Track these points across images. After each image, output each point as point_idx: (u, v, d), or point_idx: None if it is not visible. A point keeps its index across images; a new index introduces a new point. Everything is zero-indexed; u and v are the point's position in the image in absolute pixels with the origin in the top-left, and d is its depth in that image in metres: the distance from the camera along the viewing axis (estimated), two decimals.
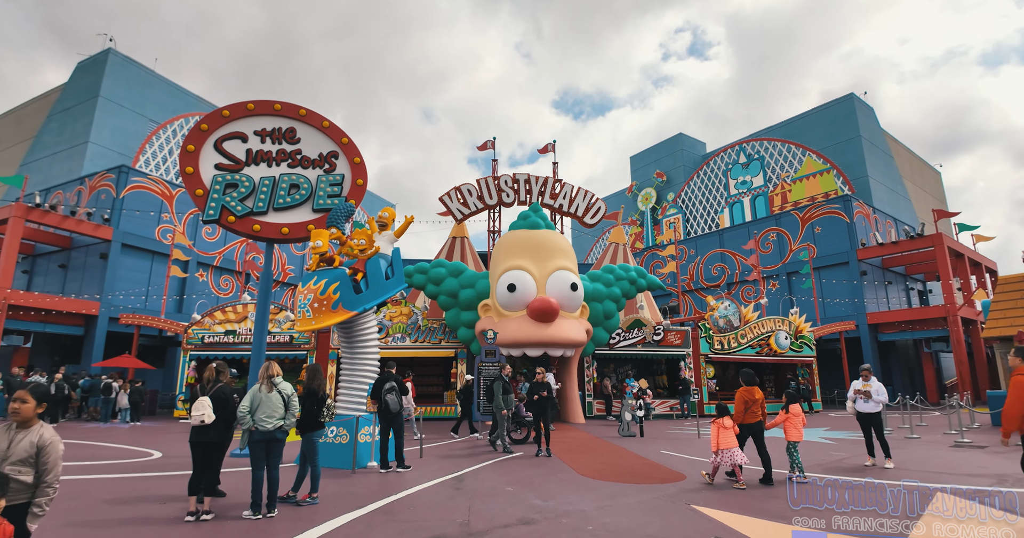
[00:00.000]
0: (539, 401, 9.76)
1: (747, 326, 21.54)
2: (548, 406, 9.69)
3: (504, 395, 10.70)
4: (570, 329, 15.80)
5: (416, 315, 18.76)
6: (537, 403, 9.78)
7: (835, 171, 33.36)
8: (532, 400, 9.81)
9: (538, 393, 9.74)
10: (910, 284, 33.47)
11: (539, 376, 10.06)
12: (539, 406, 9.74)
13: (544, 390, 9.79)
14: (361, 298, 9.15)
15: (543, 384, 9.88)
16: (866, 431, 8.55)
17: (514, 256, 16.73)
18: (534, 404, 9.78)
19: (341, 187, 11.60)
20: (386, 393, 8.28)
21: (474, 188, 20.52)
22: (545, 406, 9.68)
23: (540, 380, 9.99)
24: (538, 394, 9.73)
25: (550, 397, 9.79)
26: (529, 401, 9.89)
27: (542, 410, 9.72)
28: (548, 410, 9.70)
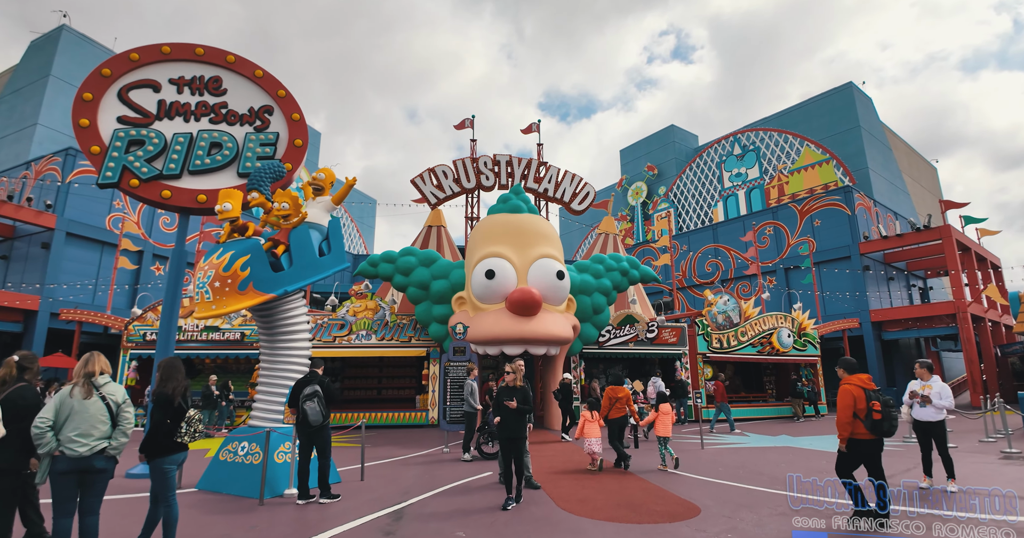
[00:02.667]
0: (510, 415, 6.03)
1: (747, 323, 19.79)
2: (523, 423, 6.05)
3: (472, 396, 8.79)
4: (554, 324, 13.89)
5: (383, 310, 16.75)
6: (508, 418, 6.02)
7: (835, 161, 31.83)
8: (503, 412, 6.06)
9: (507, 402, 6.04)
10: (912, 281, 32.02)
11: (509, 376, 6.32)
12: (511, 423, 6.01)
13: (515, 398, 6.08)
14: (281, 278, 7.17)
15: (517, 389, 6.18)
16: (924, 444, 6.73)
17: (492, 242, 14.78)
18: (506, 421, 6.03)
19: (274, 148, 9.63)
20: (305, 400, 6.29)
21: (450, 170, 18.55)
22: (519, 424, 6.02)
23: (512, 382, 6.27)
24: (506, 403, 6.03)
25: (524, 411, 6.08)
26: (500, 415, 6.09)
27: (514, 429, 6.01)
28: (523, 430, 6.04)
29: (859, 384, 5.10)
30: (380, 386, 19.34)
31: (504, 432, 6.10)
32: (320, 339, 16.63)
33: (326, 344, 16.61)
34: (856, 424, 4.99)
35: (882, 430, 4.89)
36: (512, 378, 6.34)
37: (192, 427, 4.46)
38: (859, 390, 5.05)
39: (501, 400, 6.11)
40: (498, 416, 6.07)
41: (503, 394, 6.18)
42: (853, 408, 4.98)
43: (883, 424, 4.87)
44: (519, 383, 6.27)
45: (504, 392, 6.25)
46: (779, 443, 11.94)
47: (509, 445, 6.05)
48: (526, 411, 6.16)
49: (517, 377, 6.28)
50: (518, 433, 6.06)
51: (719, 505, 5.94)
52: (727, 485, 7.02)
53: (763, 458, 9.46)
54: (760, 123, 37.11)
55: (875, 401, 4.95)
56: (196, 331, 17.54)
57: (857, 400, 5.00)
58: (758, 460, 9.20)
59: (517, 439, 6.05)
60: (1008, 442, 9.98)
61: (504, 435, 6.10)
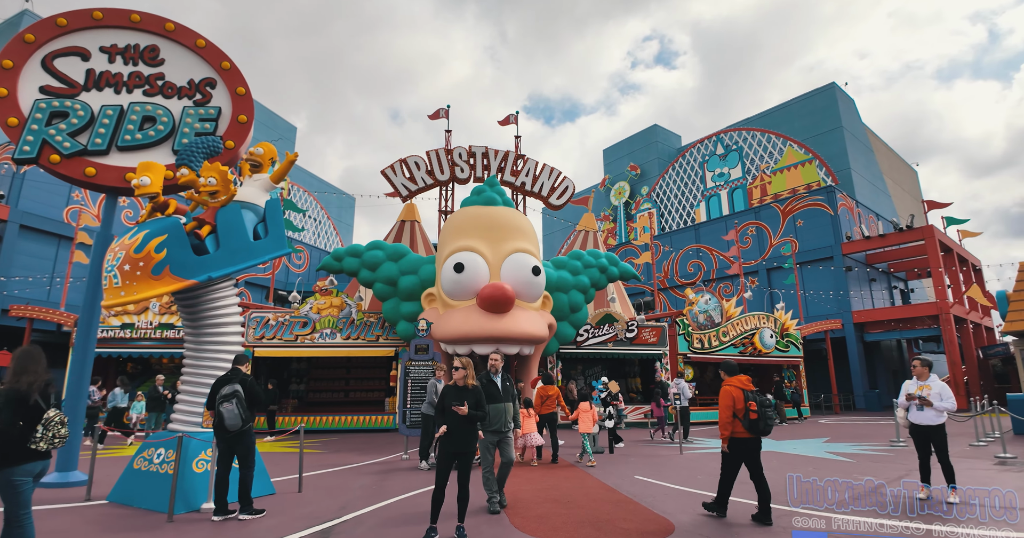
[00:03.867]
0: (458, 424, 4.79)
1: (729, 323, 19.26)
2: (473, 434, 4.90)
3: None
4: (528, 322, 13.14)
5: (349, 307, 15.85)
6: (455, 427, 4.78)
7: (817, 161, 31.59)
8: (449, 420, 4.80)
9: (455, 406, 4.76)
10: (894, 283, 31.89)
11: (458, 373, 4.97)
12: (459, 434, 4.78)
13: (465, 402, 4.78)
14: (205, 262, 6.32)
15: (468, 390, 4.95)
16: (923, 450, 6.08)
17: (464, 236, 14.00)
18: (453, 431, 4.79)
19: (215, 123, 8.75)
20: (223, 401, 5.44)
21: (423, 161, 17.74)
22: (469, 435, 4.84)
23: (461, 381, 4.98)
24: (454, 407, 4.75)
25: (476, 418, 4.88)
26: (446, 422, 4.83)
27: (462, 442, 4.79)
28: (472, 443, 4.89)
29: (739, 385, 5.33)
30: (348, 388, 18.42)
31: (449, 445, 4.78)
32: (281, 338, 15.69)
33: (287, 343, 15.67)
34: (736, 423, 5.24)
35: (759, 429, 5.14)
36: (461, 376, 4.97)
37: (51, 431, 3.60)
38: (738, 391, 5.26)
39: (447, 403, 4.82)
40: (443, 424, 4.80)
41: (449, 396, 4.88)
42: (733, 408, 5.22)
43: (759, 423, 5.13)
44: (471, 382, 5.02)
45: (451, 393, 4.92)
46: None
47: (449, 461, 4.75)
48: (479, 418, 4.92)
49: (468, 374, 4.99)
50: (466, 447, 4.81)
51: (695, 521, 5.23)
52: (705, 496, 6.31)
53: None
54: (743, 123, 36.84)
55: (752, 401, 5.18)
56: (150, 328, 16.49)
57: (736, 400, 5.22)
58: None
59: (464, 455, 4.79)
60: (1002, 446, 9.44)
61: (449, 449, 4.78)
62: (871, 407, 24.22)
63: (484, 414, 5.05)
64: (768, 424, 5.18)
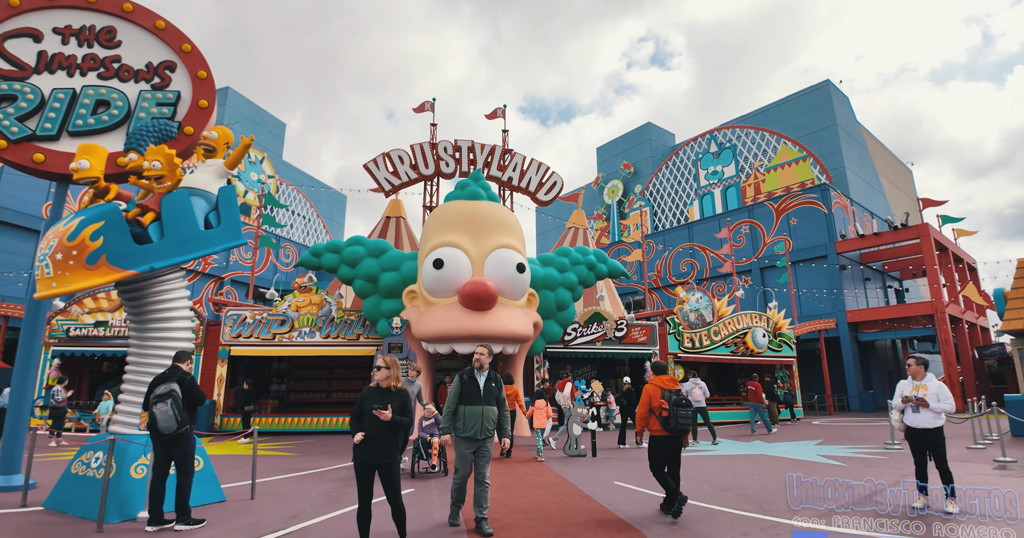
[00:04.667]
0: (377, 430, 4.16)
1: (720, 322, 18.87)
2: (394, 442, 4.22)
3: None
4: (511, 320, 12.71)
5: (329, 305, 15.36)
6: (373, 434, 4.14)
7: (812, 159, 31.24)
8: (367, 426, 4.16)
9: (377, 409, 4.11)
10: (888, 282, 31.58)
11: (381, 373, 4.30)
12: (376, 442, 4.14)
13: (389, 405, 4.16)
14: (147, 252, 5.87)
15: (393, 393, 4.30)
16: (919, 455, 5.67)
17: (447, 231, 13.55)
18: (370, 438, 4.14)
19: (174, 108, 8.25)
20: (156, 401, 4.99)
21: (407, 155, 17.27)
22: (388, 442, 4.18)
23: (384, 382, 4.31)
24: (375, 411, 4.10)
25: (401, 425, 4.22)
26: (363, 429, 4.17)
27: (379, 451, 4.15)
28: (393, 453, 4.23)
29: (659, 384, 5.63)
30: (330, 388, 17.94)
31: (364, 454, 4.13)
32: (258, 336, 15.21)
33: (265, 342, 15.19)
34: (652, 421, 5.56)
35: (669, 427, 5.38)
36: (384, 376, 4.32)
37: None
38: (657, 390, 5.57)
39: (366, 407, 4.20)
40: (359, 431, 4.16)
41: (370, 398, 4.24)
42: (648, 406, 5.58)
43: (669, 421, 5.37)
44: (395, 384, 4.36)
45: (372, 396, 4.25)
46: (752, 450, 10.90)
47: (367, 474, 4.16)
48: (403, 425, 4.28)
49: (392, 375, 4.35)
50: (385, 457, 4.17)
51: (670, 532, 4.78)
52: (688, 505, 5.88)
53: (732, 469, 8.38)
54: (737, 121, 36.49)
55: (664, 400, 5.46)
56: (124, 326, 15.95)
57: (652, 398, 5.56)
58: (726, 471, 8.11)
59: (386, 466, 4.19)
60: (1001, 449, 9.05)
61: (362, 459, 4.15)
62: (865, 408, 23.88)
63: (409, 421, 4.41)
64: (679, 422, 5.36)
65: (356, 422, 4.27)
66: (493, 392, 4.97)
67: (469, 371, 5.01)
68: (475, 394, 4.87)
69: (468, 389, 4.89)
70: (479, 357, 5.02)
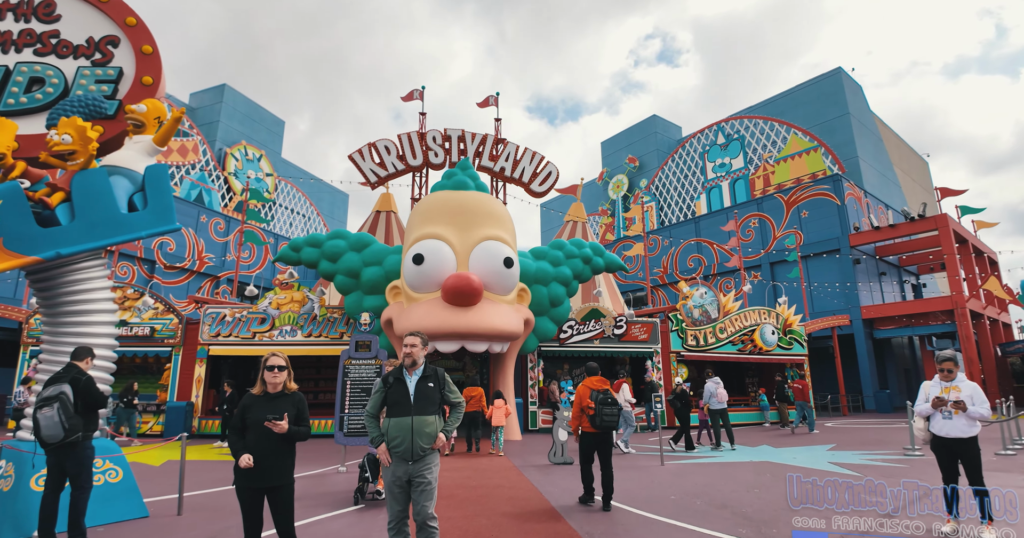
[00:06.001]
0: (268, 445, 3.39)
1: (727, 318, 17.90)
2: (289, 459, 3.52)
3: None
4: (498, 316, 11.89)
5: (311, 302, 14.65)
6: (263, 450, 3.36)
7: (823, 149, 30.05)
8: (254, 439, 3.38)
9: (268, 419, 3.34)
10: (904, 277, 30.34)
11: (270, 375, 3.49)
12: (268, 459, 3.37)
13: (284, 415, 3.40)
14: (53, 235, 5.14)
15: (285, 397, 3.56)
16: (948, 470, 4.76)
17: (431, 222, 12.77)
18: (260, 456, 3.34)
19: (115, 86, 7.50)
20: (41, 406, 4.24)
21: (394, 145, 16.51)
22: (282, 460, 3.45)
23: (274, 385, 3.53)
24: (269, 420, 3.33)
25: (297, 436, 3.47)
26: (247, 445, 3.38)
27: (272, 473, 3.40)
28: (288, 472, 3.49)
29: (589, 385, 6.10)
30: (317, 389, 17.21)
31: (248, 476, 3.31)
32: (238, 335, 14.54)
33: (244, 341, 14.51)
34: (583, 419, 6.01)
35: (595, 424, 5.88)
36: (273, 377, 3.47)
37: None
38: (587, 390, 6.05)
39: (250, 417, 3.37)
40: (243, 451, 3.32)
41: (255, 407, 3.41)
42: (579, 405, 6.03)
43: (595, 419, 5.86)
44: (291, 386, 3.59)
45: (258, 404, 3.43)
46: (757, 456, 10.00)
47: (255, 499, 3.37)
48: (299, 437, 3.48)
49: (281, 379, 3.49)
50: (277, 478, 3.37)
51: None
52: (673, 527, 5.04)
53: (732, 479, 7.50)
54: (745, 112, 35.34)
55: (591, 400, 5.93)
56: None
57: (583, 398, 6.01)
58: (725, 483, 7.23)
59: (278, 490, 3.39)
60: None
61: (247, 483, 3.34)
62: (882, 408, 22.77)
63: (307, 432, 3.58)
64: (604, 420, 5.84)
65: (237, 438, 3.42)
66: (430, 396, 3.69)
67: (397, 370, 3.82)
68: (403, 401, 3.66)
69: (394, 395, 3.70)
70: (410, 349, 3.77)
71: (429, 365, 3.88)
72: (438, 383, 3.80)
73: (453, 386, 3.94)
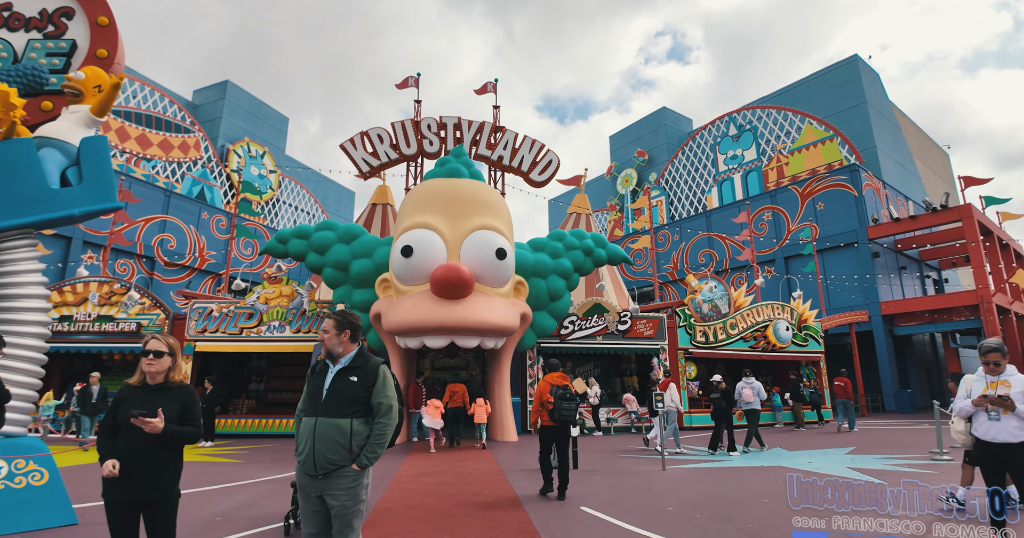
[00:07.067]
0: (138, 450, 2.74)
1: (738, 314, 17.05)
2: (174, 470, 2.88)
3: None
4: (490, 310, 11.20)
5: (300, 297, 14.08)
6: (134, 457, 2.73)
7: (839, 138, 28.91)
8: (124, 444, 2.75)
9: (136, 417, 2.66)
10: (925, 272, 29.13)
11: (147, 361, 2.82)
12: (139, 467, 2.73)
13: (161, 410, 2.73)
14: None
15: (171, 390, 2.89)
16: (994, 478, 3.98)
17: (421, 211, 12.13)
18: (128, 464, 2.71)
19: (67, 59, 6.98)
20: None
21: (387, 134, 15.89)
22: (160, 469, 2.79)
23: (151, 373, 2.86)
24: (137, 417, 2.67)
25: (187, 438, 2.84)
26: (117, 449, 2.74)
27: (144, 485, 2.74)
28: (172, 484, 2.85)
29: (550, 381, 6.42)
30: None
31: (118, 488, 2.69)
32: (225, 331, 14.02)
33: (231, 337, 13.99)
34: (543, 413, 6.30)
35: (554, 418, 6.20)
36: (150, 365, 2.84)
37: None
38: (547, 385, 6.36)
39: (122, 414, 2.72)
40: (110, 456, 2.69)
41: (130, 400, 2.77)
42: (539, 400, 6.33)
43: (554, 413, 6.19)
44: (175, 377, 2.93)
45: (135, 397, 2.79)
46: (768, 461, 9.21)
47: (128, 515, 2.73)
48: (187, 439, 2.85)
49: (161, 367, 2.87)
50: (155, 489, 2.74)
51: None
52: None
53: (739, 488, 6.74)
54: (757, 102, 34.25)
55: (551, 395, 6.24)
56: (88, 321, 14.94)
57: (543, 393, 6.32)
58: (731, 492, 6.48)
59: (156, 504, 2.75)
60: None
61: (116, 495, 2.70)
62: (903, 409, 21.73)
63: (196, 431, 2.92)
64: (562, 414, 6.20)
65: (107, 439, 2.78)
66: (349, 394, 2.87)
67: (321, 362, 3.07)
68: (315, 396, 2.93)
69: (311, 387, 2.98)
70: (322, 335, 3.01)
71: (365, 357, 3.04)
72: (366, 379, 2.91)
73: (390, 387, 2.97)
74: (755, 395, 11.28)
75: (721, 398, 10.55)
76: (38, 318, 5.30)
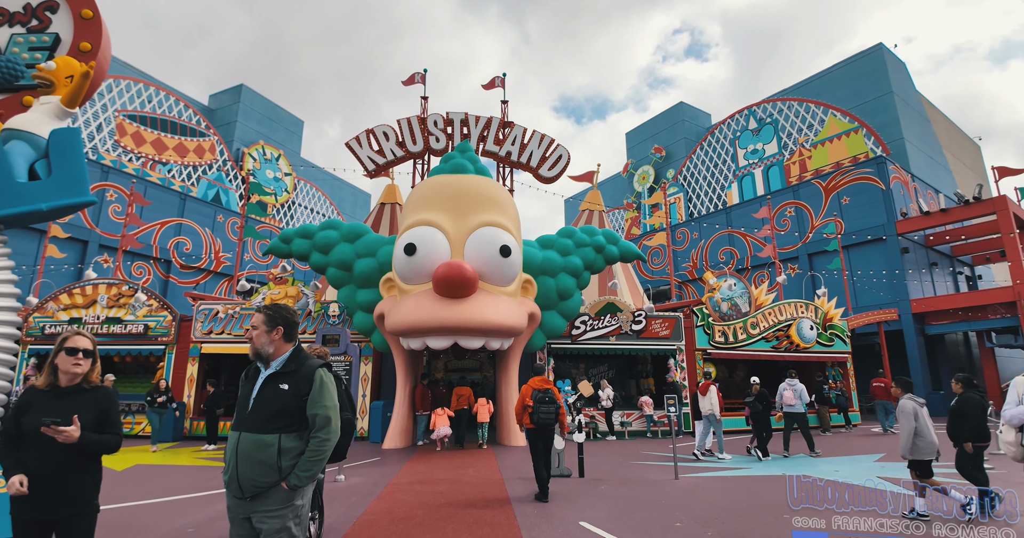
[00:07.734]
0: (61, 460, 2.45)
1: (759, 313, 16.35)
2: (93, 486, 2.58)
3: None
4: (494, 309, 10.78)
5: (306, 297, 13.85)
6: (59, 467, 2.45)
7: (864, 130, 27.85)
8: (36, 456, 2.44)
9: (48, 426, 2.36)
10: (958, 268, 27.89)
11: (69, 363, 2.49)
12: (55, 487, 2.44)
13: (77, 418, 2.41)
14: None
15: (87, 393, 2.60)
16: None
17: (425, 208, 11.78)
18: (40, 479, 2.41)
19: (50, 53, 6.75)
20: None
21: (392, 131, 15.60)
22: (72, 485, 2.48)
23: (69, 375, 2.54)
24: (48, 426, 2.37)
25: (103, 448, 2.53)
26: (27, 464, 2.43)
27: (62, 499, 2.45)
28: (91, 501, 2.54)
29: (532, 385, 6.65)
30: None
31: (28, 505, 2.39)
32: (230, 332, 13.86)
33: (237, 339, 13.81)
34: (525, 416, 6.51)
35: (533, 420, 6.40)
36: (75, 365, 2.52)
37: None
38: (529, 389, 6.59)
39: (28, 422, 2.41)
40: (17, 471, 2.35)
41: (38, 406, 2.45)
42: (523, 403, 6.54)
43: (534, 416, 6.37)
44: (94, 379, 2.59)
45: (43, 402, 2.48)
46: (790, 468, 8.61)
47: (39, 535, 2.43)
48: (104, 450, 2.52)
49: (84, 369, 2.53)
50: (69, 506, 2.44)
51: None
52: None
53: (757, 499, 6.20)
54: (778, 95, 33.27)
55: (531, 399, 6.46)
56: (97, 323, 14.94)
57: (525, 397, 6.57)
58: (748, 505, 5.95)
59: (70, 521, 2.44)
60: None
61: (27, 514, 2.40)
62: (935, 412, 20.65)
63: (114, 441, 2.54)
64: (541, 418, 6.27)
65: (8, 451, 2.43)
66: (279, 405, 2.46)
67: (253, 367, 2.69)
68: (242, 406, 2.55)
69: (240, 395, 2.61)
70: (253, 332, 2.64)
71: (300, 359, 2.59)
72: (299, 386, 2.50)
73: (329, 395, 2.52)
74: (797, 397, 10.68)
75: (757, 401, 9.97)
76: (6, 318, 5.03)
